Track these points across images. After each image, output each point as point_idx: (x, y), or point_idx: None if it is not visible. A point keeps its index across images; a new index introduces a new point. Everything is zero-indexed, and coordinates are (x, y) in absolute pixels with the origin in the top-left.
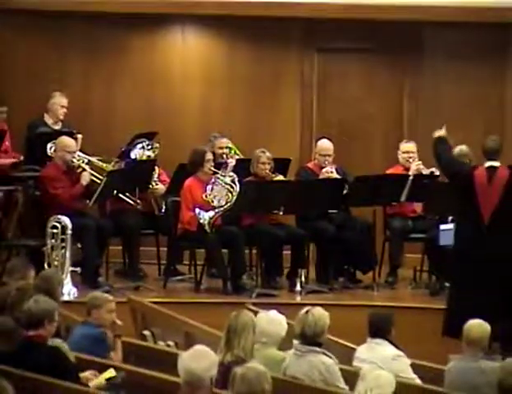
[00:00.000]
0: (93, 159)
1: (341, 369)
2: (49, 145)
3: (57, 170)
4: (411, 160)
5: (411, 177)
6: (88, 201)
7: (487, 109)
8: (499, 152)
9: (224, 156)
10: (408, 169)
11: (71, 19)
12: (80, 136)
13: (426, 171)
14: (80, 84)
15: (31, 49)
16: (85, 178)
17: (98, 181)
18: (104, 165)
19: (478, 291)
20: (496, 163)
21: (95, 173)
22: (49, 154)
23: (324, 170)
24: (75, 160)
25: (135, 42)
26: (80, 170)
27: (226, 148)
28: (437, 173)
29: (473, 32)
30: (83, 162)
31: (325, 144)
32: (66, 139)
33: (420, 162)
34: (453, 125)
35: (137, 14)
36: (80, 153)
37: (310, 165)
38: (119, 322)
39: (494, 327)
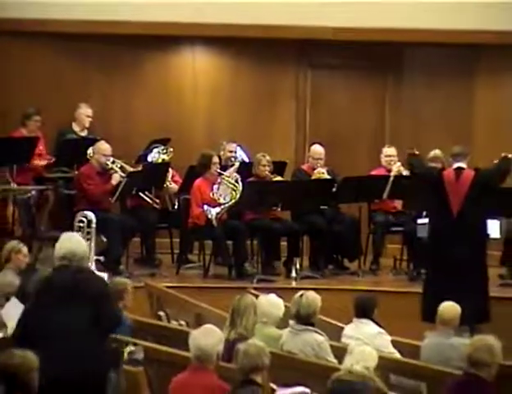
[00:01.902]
0: (125, 165)
1: (331, 345)
2: (90, 149)
3: (91, 170)
4: (392, 163)
5: (392, 178)
6: (111, 198)
7: (458, 120)
8: (465, 155)
9: (232, 159)
10: (389, 171)
11: (94, 40)
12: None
13: (405, 173)
14: (102, 98)
15: (60, 67)
16: (116, 179)
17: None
18: (132, 169)
19: (449, 276)
20: (462, 165)
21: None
22: (88, 157)
23: (316, 171)
24: (108, 163)
25: (151, 60)
26: (112, 172)
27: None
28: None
29: (446, 52)
30: (116, 165)
31: (317, 149)
32: (103, 145)
33: (400, 164)
34: (428, 133)
35: (152, 35)
36: (116, 159)
37: (304, 167)
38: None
39: (463, 308)
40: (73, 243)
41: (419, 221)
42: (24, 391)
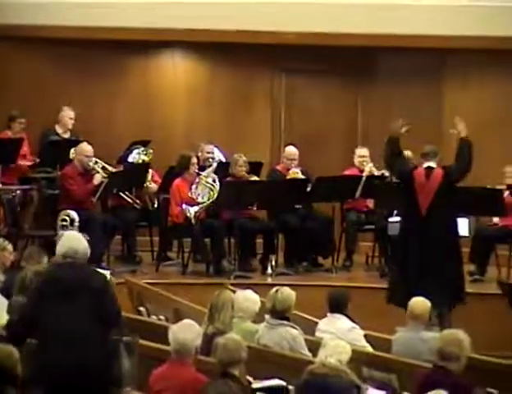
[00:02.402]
0: (107, 165)
1: (306, 339)
2: (72, 150)
3: (74, 170)
4: (365, 163)
5: (364, 178)
6: (93, 197)
7: (428, 122)
8: (434, 155)
9: (209, 160)
10: (362, 171)
11: (77, 45)
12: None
13: (377, 173)
14: (84, 101)
15: (44, 71)
16: (97, 179)
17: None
18: (113, 170)
19: (418, 272)
20: (432, 164)
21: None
22: (71, 158)
23: (291, 171)
24: (91, 164)
25: (132, 64)
26: (93, 172)
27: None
28: (387, 174)
29: (416, 56)
30: (98, 166)
31: (291, 150)
32: (85, 146)
33: (372, 165)
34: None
35: (133, 41)
36: (98, 160)
37: (279, 167)
38: None
39: (432, 299)
40: (74, 241)
41: (390, 219)
42: (13, 384)
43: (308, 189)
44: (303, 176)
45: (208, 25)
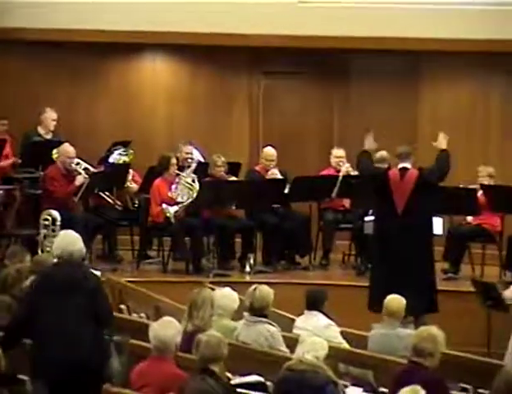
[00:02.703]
0: (89, 166)
1: (283, 336)
2: (54, 151)
3: (56, 171)
4: (341, 163)
5: (341, 178)
6: (74, 197)
7: (403, 122)
8: (409, 155)
9: (189, 160)
10: (338, 171)
11: (59, 47)
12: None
13: (353, 173)
14: (67, 102)
15: (26, 74)
16: (79, 180)
17: None
18: (94, 170)
19: (394, 271)
20: (407, 165)
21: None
22: (53, 158)
23: (270, 172)
24: (73, 164)
25: (114, 66)
26: (75, 173)
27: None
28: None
29: (391, 58)
30: (80, 167)
31: (270, 151)
32: (67, 147)
33: (349, 165)
34: (375, 136)
35: (115, 43)
36: (80, 161)
37: (258, 168)
38: None
39: (408, 300)
40: (69, 243)
41: (366, 218)
42: None
43: (286, 189)
44: (281, 177)
45: (188, 28)
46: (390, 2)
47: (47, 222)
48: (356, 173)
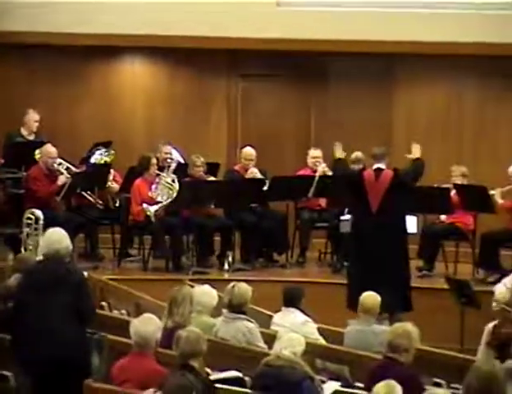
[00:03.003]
0: (71, 166)
1: (261, 332)
2: (37, 152)
3: (39, 171)
4: (318, 164)
5: (317, 178)
6: (57, 197)
7: (378, 124)
8: (383, 156)
9: (168, 160)
10: (315, 171)
11: (42, 50)
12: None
13: (329, 173)
14: (49, 104)
15: (9, 76)
16: (61, 180)
17: None
18: (76, 170)
19: (370, 268)
20: (381, 165)
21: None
22: (35, 159)
23: (249, 171)
24: (55, 165)
25: (95, 69)
26: (58, 173)
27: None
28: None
29: (366, 61)
30: (62, 167)
31: (249, 151)
32: (50, 148)
33: (325, 165)
34: (351, 137)
35: (96, 46)
36: (62, 161)
37: (237, 168)
38: None
39: (382, 298)
40: (55, 241)
41: (342, 217)
42: None
43: (265, 188)
44: (261, 176)
45: (166, 31)
46: (366, 6)
47: (30, 221)
48: (332, 173)
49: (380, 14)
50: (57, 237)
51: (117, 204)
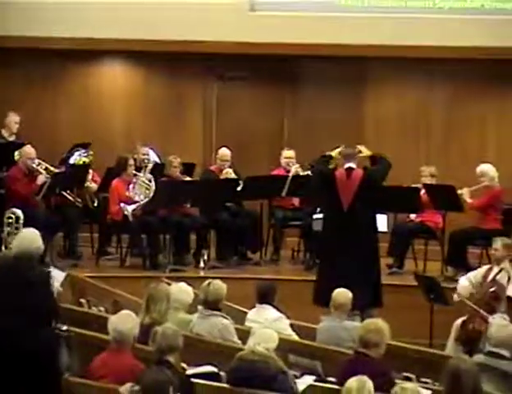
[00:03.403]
0: (50, 166)
1: (236, 328)
2: (16, 153)
3: (19, 171)
4: (291, 164)
5: (290, 177)
6: (37, 196)
7: (349, 124)
8: (354, 156)
9: (145, 161)
10: (288, 171)
11: (23, 53)
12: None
13: (302, 173)
14: (30, 106)
15: None
16: (40, 179)
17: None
18: (56, 170)
19: (341, 265)
20: (352, 165)
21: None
22: (15, 159)
23: (225, 171)
24: (34, 165)
25: (74, 72)
26: (37, 173)
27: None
28: (311, 175)
29: (337, 64)
30: (41, 167)
31: (224, 152)
32: (29, 149)
33: (298, 165)
34: (323, 137)
35: (75, 50)
36: (41, 161)
37: (212, 168)
38: None
39: (355, 294)
40: (25, 242)
41: (315, 216)
42: None
43: (239, 188)
44: (235, 176)
45: (144, 35)
46: (336, 11)
47: (10, 220)
48: (305, 173)
49: (349, 18)
50: (29, 237)
51: (96, 204)
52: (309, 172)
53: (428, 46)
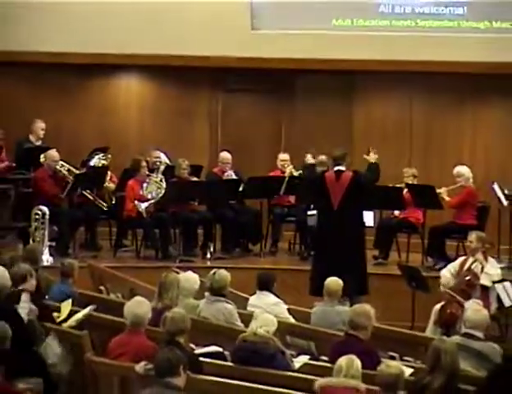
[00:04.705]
0: (72, 168)
1: (239, 313)
2: (41, 156)
3: (44, 173)
4: (286, 166)
5: (287, 178)
6: (61, 195)
7: (340, 131)
8: (343, 159)
9: (157, 163)
10: (283, 172)
11: (48, 68)
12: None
13: (296, 173)
14: (54, 115)
15: (19, 91)
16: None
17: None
18: (77, 171)
19: (332, 258)
20: (341, 168)
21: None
22: (41, 162)
23: (226, 173)
24: (58, 167)
25: (94, 84)
26: (60, 174)
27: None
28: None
29: (329, 77)
30: (64, 169)
31: (225, 155)
32: (53, 152)
33: (292, 166)
34: (316, 143)
35: (95, 65)
36: (64, 163)
37: (216, 170)
38: None
39: (345, 283)
40: None
41: (309, 212)
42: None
43: (241, 187)
44: (236, 177)
45: (156, 51)
46: (329, 30)
47: (37, 216)
48: (297, 173)
49: (340, 37)
50: None
51: (113, 202)
52: (301, 172)
53: (410, 61)
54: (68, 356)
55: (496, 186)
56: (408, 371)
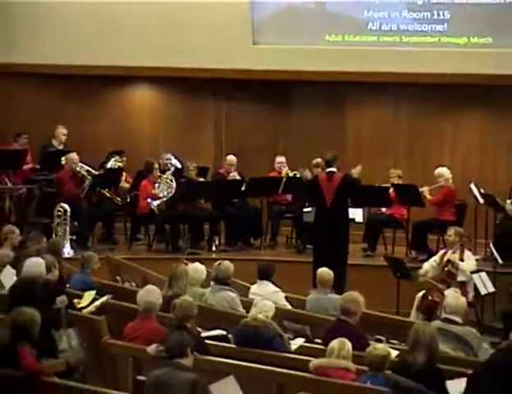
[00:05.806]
0: (90, 169)
1: (241, 300)
2: (62, 158)
3: (66, 174)
4: (282, 167)
5: (284, 179)
6: (81, 195)
7: (333, 137)
8: (334, 160)
9: (168, 165)
10: (280, 173)
11: (70, 79)
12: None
13: (291, 174)
14: (75, 121)
15: (43, 100)
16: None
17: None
18: (95, 172)
19: (326, 251)
20: (333, 169)
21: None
22: (62, 164)
23: (231, 174)
24: (77, 168)
25: (111, 93)
26: (80, 175)
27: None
28: (298, 176)
29: (323, 88)
30: (83, 170)
31: (232, 158)
32: (73, 155)
33: (287, 168)
34: (311, 148)
35: (112, 76)
36: (83, 165)
37: (221, 171)
38: None
39: (335, 272)
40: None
41: (304, 209)
42: (27, 339)
43: (243, 187)
44: (239, 178)
45: (166, 64)
46: (323, 45)
47: (59, 213)
48: (294, 173)
49: (333, 51)
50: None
51: (128, 200)
52: (296, 173)
53: (396, 73)
54: (83, 347)
55: (473, 186)
56: (394, 353)
